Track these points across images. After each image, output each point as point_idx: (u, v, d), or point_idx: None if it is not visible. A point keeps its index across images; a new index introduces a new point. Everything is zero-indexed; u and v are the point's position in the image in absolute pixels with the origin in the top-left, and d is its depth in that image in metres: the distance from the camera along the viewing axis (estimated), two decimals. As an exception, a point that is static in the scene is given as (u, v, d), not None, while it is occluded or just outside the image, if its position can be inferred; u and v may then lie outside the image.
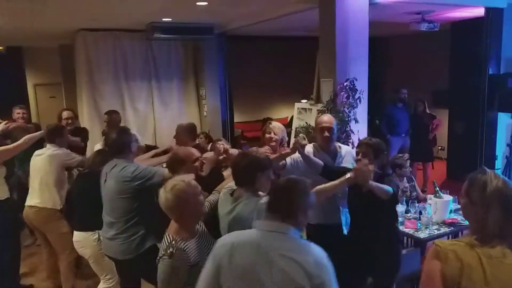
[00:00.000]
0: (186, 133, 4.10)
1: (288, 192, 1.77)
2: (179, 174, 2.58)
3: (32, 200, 3.64)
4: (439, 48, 7.62)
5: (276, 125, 3.45)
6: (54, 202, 3.64)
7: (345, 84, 4.23)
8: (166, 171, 2.83)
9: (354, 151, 3.11)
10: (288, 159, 3.01)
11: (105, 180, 2.91)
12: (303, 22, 6.15)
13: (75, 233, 3.26)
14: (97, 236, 3.14)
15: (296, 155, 2.97)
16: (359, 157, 2.80)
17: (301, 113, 4.89)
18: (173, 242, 2.02)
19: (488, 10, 5.41)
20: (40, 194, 3.60)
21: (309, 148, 3.06)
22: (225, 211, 2.31)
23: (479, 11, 5.58)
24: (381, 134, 6.30)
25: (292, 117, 6.70)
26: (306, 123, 4.62)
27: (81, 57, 6.78)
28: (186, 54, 7.74)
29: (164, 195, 2.08)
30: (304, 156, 2.87)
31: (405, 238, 3.65)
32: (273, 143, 3.36)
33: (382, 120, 6.57)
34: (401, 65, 9.16)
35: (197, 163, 2.79)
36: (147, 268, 2.63)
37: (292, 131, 4.97)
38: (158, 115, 7.49)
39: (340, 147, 3.25)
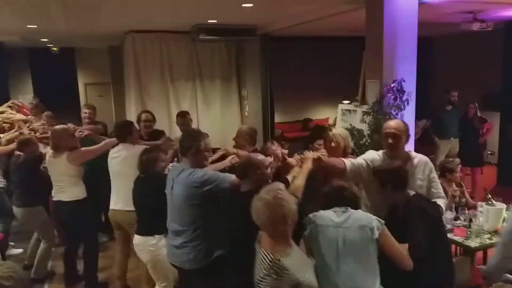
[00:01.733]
0: (247, 137, 3.93)
1: None
2: (249, 180, 2.53)
3: (118, 204, 3.58)
4: (491, 48, 7.28)
5: (337, 133, 3.21)
6: None
7: (392, 85, 4.14)
8: (233, 177, 2.69)
9: (429, 161, 2.92)
10: (348, 163, 2.82)
11: (172, 186, 2.76)
12: (347, 22, 6.07)
13: (136, 237, 3.19)
14: (155, 241, 3.07)
15: (359, 160, 2.85)
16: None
17: (345, 115, 4.83)
18: (276, 261, 1.89)
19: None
20: (124, 198, 3.47)
21: (375, 155, 2.89)
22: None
23: (537, 10, 5.29)
24: (428, 136, 6.11)
25: (330, 118, 6.65)
26: (351, 125, 4.56)
27: (129, 58, 7.04)
28: (229, 55, 7.85)
29: (264, 206, 1.94)
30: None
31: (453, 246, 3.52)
32: (336, 152, 3.12)
33: (430, 123, 6.37)
34: (449, 66, 8.82)
35: (269, 170, 2.67)
36: (215, 279, 2.67)
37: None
38: (201, 115, 7.65)
39: (414, 155, 2.92)
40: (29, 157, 3.99)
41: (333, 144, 3.14)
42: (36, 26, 6.12)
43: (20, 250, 4.68)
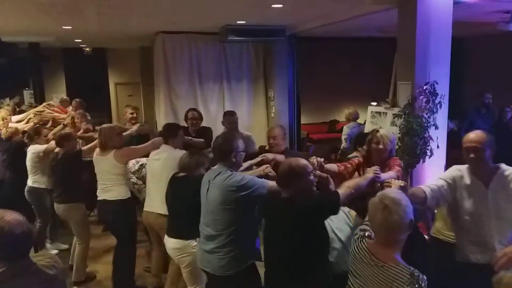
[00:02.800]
0: (284, 136, 3.88)
1: None
2: (290, 188, 2.41)
3: (152, 206, 3.56)
4: (529, 49, 7.01)
5: (384, 134, 3.02)
6: None
7: (424, 87, 4.04)
8: (271, 183, 2.61)
9: None
10: (428, 190, 2.56)
11: (208, 189, 2.72)
12: (377, 22, 5.98)
13: (172, 240, 3.12)
14: (196, 243, 3.02)
15: (439, 181, 2.61)
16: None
17: (375, 117, 4.75)
18: (415, 274, 1.78)
19: None
20: (160, 201, 3.39)
21: (456, 172, 2.63)
22: None
23: None
24: (459, 141, 5.92)
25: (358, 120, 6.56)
26: (380, 127, 4.48)
27: (159, 58, 7.15)
28: (257, 55, 7.86)
29: (395, 213, 1.82)
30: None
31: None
32: (383, 155, 2.97)
33: (462, 126, 6.18)
34: (483, 68, 8.54)
35: (312, 177, 2.51)
36: (246, 287, 2.64)
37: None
38: (228, 115, 7.68)
39: (505, 168, 2.62)
40: (69, 153, 4.00)
41: (380, 146, 2.98)
42: (70, 27, 6.32)
43: (55, 251, 4.69)
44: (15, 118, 5.62)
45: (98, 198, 3.79)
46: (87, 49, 9.81)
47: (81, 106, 6.23)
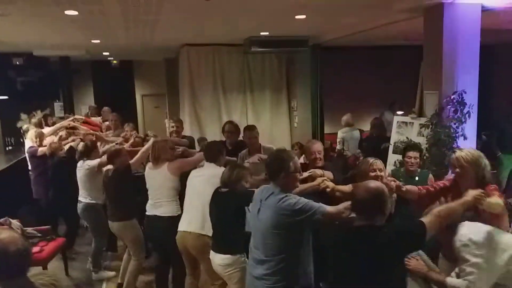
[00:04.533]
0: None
1: None
2: (367, 215, 2.08)
3: (191, 225, 3.32)
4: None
5: (461, 155, 2.65)
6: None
7: (452, 97, 3.95)
8: (329, 208, 2.42)
9: None
10: None
11: (259, 209, 2.52)
12: (402, 31, 5.90)
13: (220, 256, 2.96)
14: (245, 257, 2.87)
15: None
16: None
17: (401, 127, 4.66)
18: None
19: None
20: (201, 220, 3.25)
21: None
22: None
23: None
24: (490, 151, 5.74)
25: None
26: (407, 138, 4.40)
27: (184, 70, 7.28)
28: (280, 66, 7.89)
29: None
30: None
31: None
32: (464, 179, 2.65)
33: (493, 136, 5.99)
34: (513, 76, 8.28)
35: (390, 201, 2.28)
36: None
37: (390, 146, 4.76)
38: (251, 126, 7.70)
39: None
40: (119, 169, 3.87)
41: (457, 170, 2.66)
42: (99, 41, 6.51)
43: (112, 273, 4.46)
44: (46, 130, 5.62)
45: (147, 213, 3.66)
46: (114, 61, 10.08)
47: (118, 118, 6.03)
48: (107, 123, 6.33)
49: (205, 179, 3.30)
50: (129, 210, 3.87)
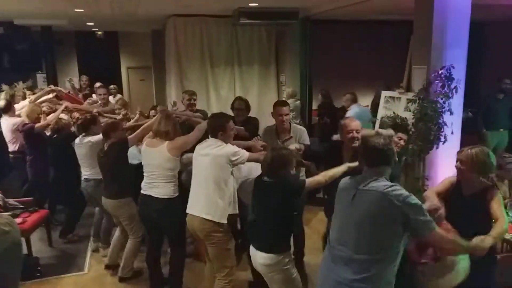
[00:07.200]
0: None
1: None
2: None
3: (195, 208, 3.11)
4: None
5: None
6: (221, 214, 3.02)
7: (440, 72, 3.93)
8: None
9: None
10: None
11: (354, 196, 2.13)
12: (394, 4, 5.80)
13: (263, 255, 2.67)
14: (288, 259, 2.67)
15: None
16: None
17: (389, 102, 4.65)
18: None
19: None
20: (205, 204, 3.04)
21: None
22: None
23: None
24: (475, 128, 5.80)
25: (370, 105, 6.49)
26: (394, 113, 4.39)
27: (170, 42, 7.11)
28: (269, 39, 7.75)
29: None
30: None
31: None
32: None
33: (479, 113, 6.03)
34: (502, 53, 8.29)
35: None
36: None
37: (377, 121, 4.76)
38: (239, 100, 7.62)
39: None
40: (115, 144, 3.63)
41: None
42: (82, 10, 6.29)
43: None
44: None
45: (142, 192, 3.42)
46: (99, 32, 9.80)
47: (107, 93, 5.80)
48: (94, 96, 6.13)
49: (210, 159, 3.03)
50: (123, 187, 3.66)
